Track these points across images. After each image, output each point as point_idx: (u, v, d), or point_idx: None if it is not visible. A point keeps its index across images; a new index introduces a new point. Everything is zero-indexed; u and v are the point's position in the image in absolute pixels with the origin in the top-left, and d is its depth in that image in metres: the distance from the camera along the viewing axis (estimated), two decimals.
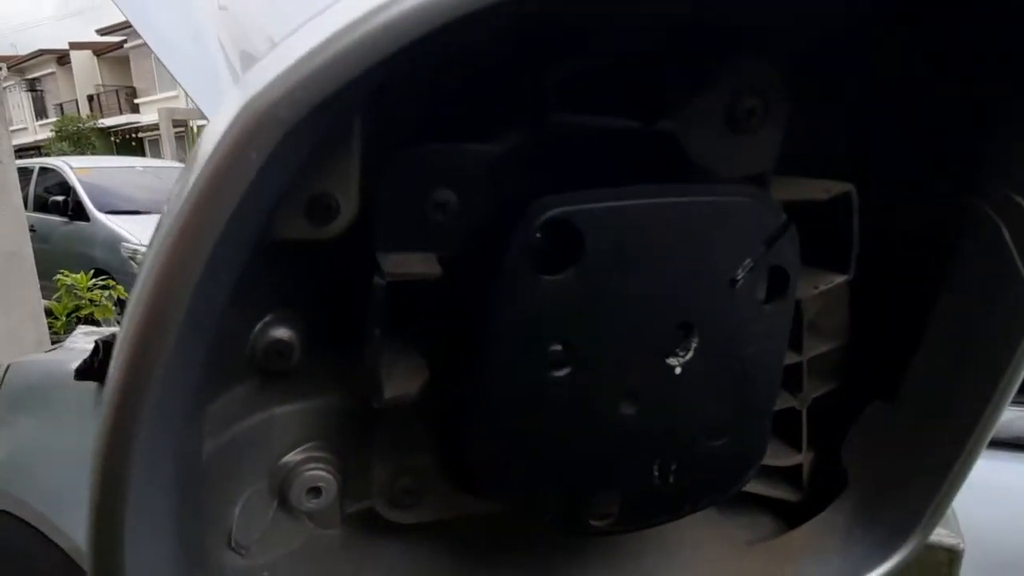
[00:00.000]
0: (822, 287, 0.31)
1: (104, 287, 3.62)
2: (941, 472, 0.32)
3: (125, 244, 4.56)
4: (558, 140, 0.24)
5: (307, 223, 0.21)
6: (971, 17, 0.23)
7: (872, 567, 0.32)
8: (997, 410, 0.30)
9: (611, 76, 0.24)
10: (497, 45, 0.18)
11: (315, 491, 0.26)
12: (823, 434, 0.36)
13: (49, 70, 20.82)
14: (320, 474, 0.26)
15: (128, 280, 4.07)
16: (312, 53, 0.14)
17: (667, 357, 0.25)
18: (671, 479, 0.26)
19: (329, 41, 0.14)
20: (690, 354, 0.25)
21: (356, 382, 0.26)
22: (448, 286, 0.23)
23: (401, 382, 0.25)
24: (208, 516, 0.23)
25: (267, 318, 0.24)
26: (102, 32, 19.79)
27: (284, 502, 0.26)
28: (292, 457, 0.26)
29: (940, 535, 0.39)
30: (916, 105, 0.28)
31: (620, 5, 0.19)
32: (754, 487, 0.35)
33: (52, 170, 6.59)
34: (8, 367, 1.17)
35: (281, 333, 0.24)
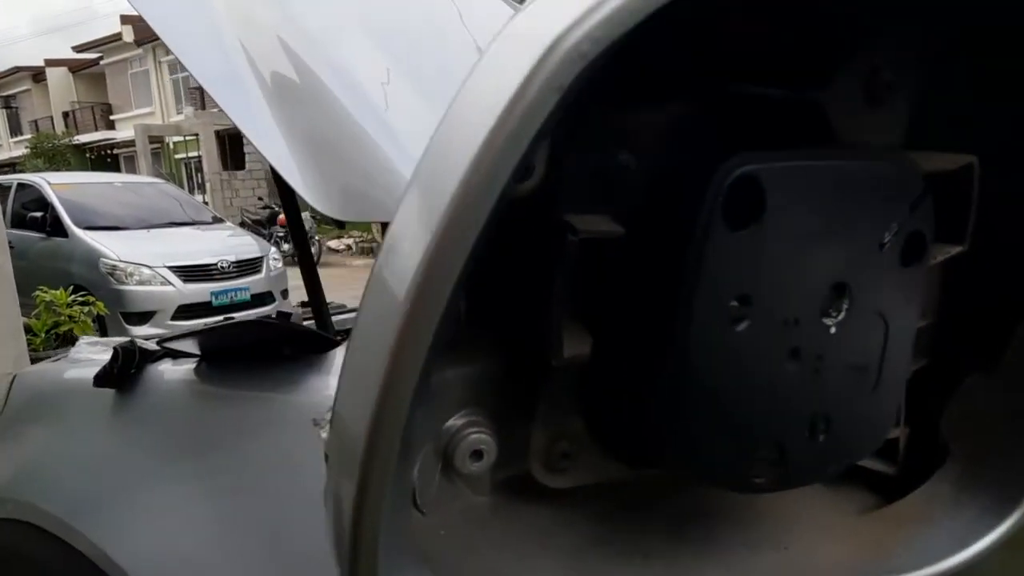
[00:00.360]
0: (940, 257, 0.32)
1: (83, 303, 3.56)
2: None
3: (104, 260, 4.49)
4: (725, 106, 0.25)
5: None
6: None
7: (983, 532, 0.33)
8: None
9: (770, 49, 0.25)
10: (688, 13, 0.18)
11: (477, 454, 0.26)
12: (919, 409, 0.37)
13: (24, 87, 20.51)
14: (483, 437, 0.26)
15: (107, 296, 4.00)
16: None
17: (823, 317, 0.26)
18: (822, 437, 0.27)
19: None
20: (843, 314, 0.26)
21: (521, 346, 0.26)
22: (628, 246, 0.24)
23: (573, 344, 0.25)
24: (398, 477, 0.24)
25: None
26: (78, 49, 19.58)
27: (448, 465, 0.26)
28: (455, 421, 0.26)
29: None
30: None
31: None
32: None
33: (30, 186, 6.47)
34: (14, 377, 1.15)
35: None
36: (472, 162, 0.16)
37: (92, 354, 1.29)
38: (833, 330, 0.26)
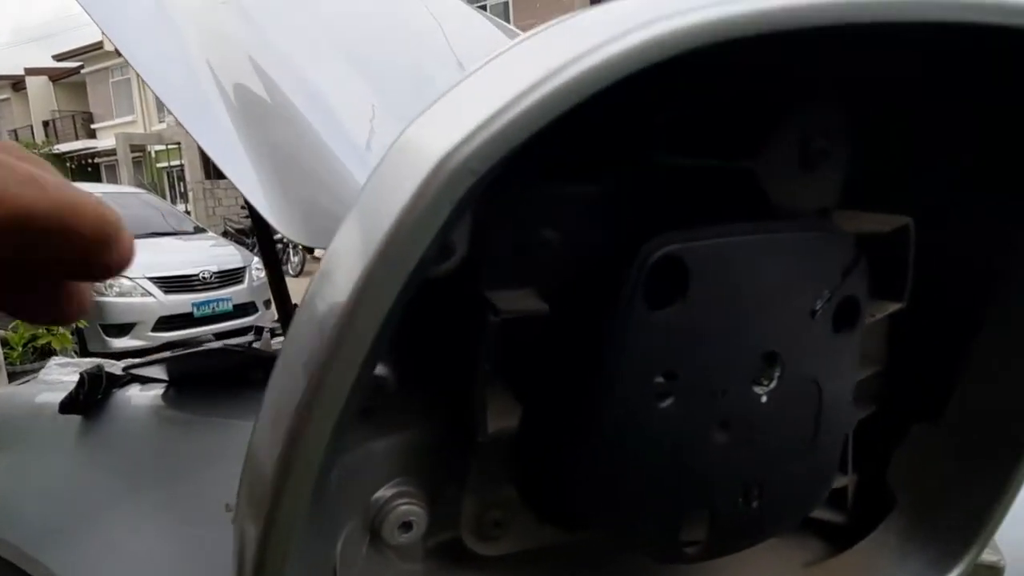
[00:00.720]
0: (878, 315, 0.32)
1: None
2: (989, 490, 0.33)
3: None
4: (653, 180, 0.25)
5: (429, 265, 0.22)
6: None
7: None
8: None
9: (702, 119, 0.25)
10: (613, 94, 0.19)
11: (406, 526, 0.26)
12: (867, 457, 0.37)
13: (3, 96, 20.29)
14: (412, 508, 0.26)
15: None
16: (504, 108, 0.15)
17: (754, 386, 0.26)
18: (755, 503, 0.27)
19: (520, 97, 0.15)
20: (774, 383, 0.26)
21: (450, 416, 0.26)
22: (552, 322, 0.24)
23: (500, 417, 0.25)
24: (318, 554, 0.23)
25: None
26: (58, 58, 19.41)
27: (376, 538, 0.26)
28: (384, 492, 0.26)
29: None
30: (963, 143, 0.30)
31: (733, 56, 0.20)
32: None
33: None
34: None
35: (377, 369, 0.24)
36: (370, 263, 0.16)
37: (62, 375, 1.27)
38: (764, 399, 0.26)
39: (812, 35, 0.18)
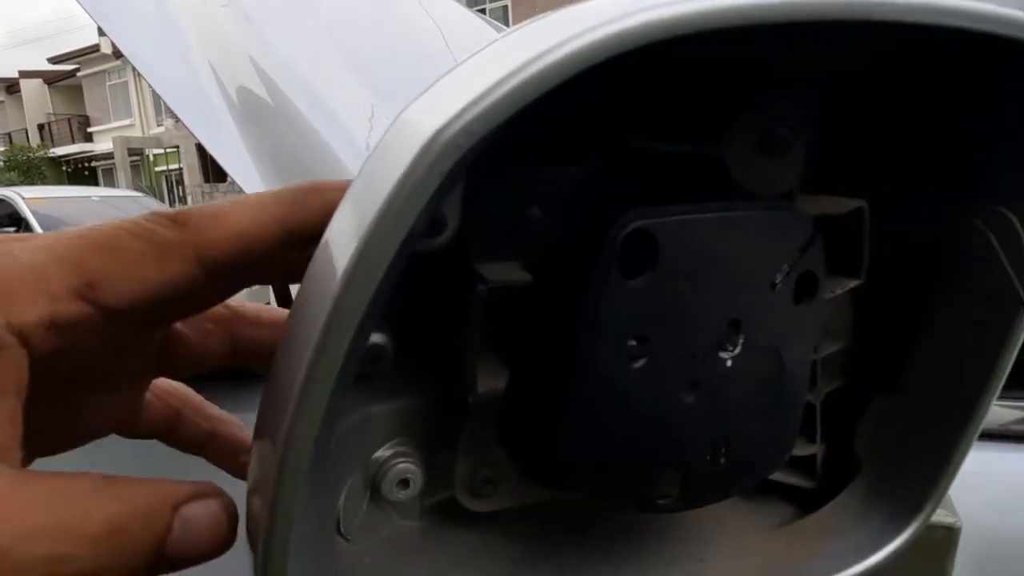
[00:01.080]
0: (838, 291, 0.35)
1: None
2: (942, 456, 0.36)
3: None
4: (629, 163, 0.28)
5: (421, 238, 0.24)
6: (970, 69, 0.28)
7: (885, 542, 0.36)
8: (988, 400, 0.34)
9: (672, 108, 0.28)
10: (588, 84, 0.21)
11: (404, 483, 0.28)
12: (835, 426, 0.40)
13: None
14: (409, 467, 0.28)
15: None
16: (489, 90, 0.17)
17: (720, 351, 0.28)
18: (722, 460, 0.29)
19: (504, 80, 0.17)
20: (738, 349, 0.29)
21: (444, 382, 0.29)
22: (536, 292, 0.27)
23: (488, 380, 0.28)
24: (323, 506, 0.26)
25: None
26: (54, 60, 19.35)
27: (376, 493, 0.28)
28: (383, 452, 0.29)
29: (940, 515, 0.43)
30: (919, 132, 0.33)
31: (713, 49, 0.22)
32: (774, 475, 0.39)
33: (2, 200, 6.36)
34: None
35: (377, 338, 0.27)
36: (366, 231, 0.18)
37: None
38: (729, 363, 0.28)
39: (762, 32, 0.20)
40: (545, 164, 0.26)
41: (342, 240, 0.19)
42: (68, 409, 0.25)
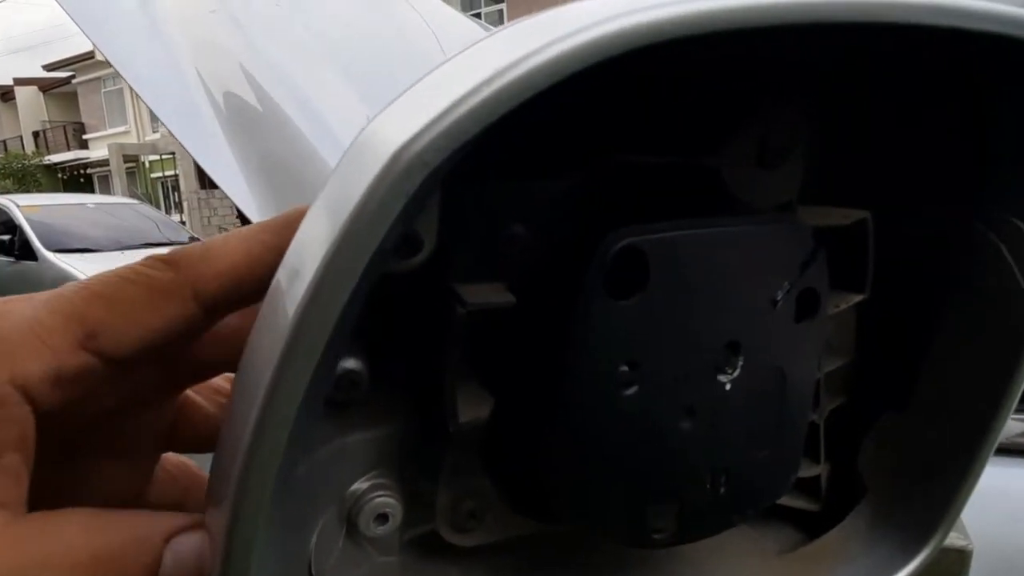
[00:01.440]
0: (842, 306, 0.33)
1: None
2: (954, 476, 0.34)
3: None
4: (616, 176, 0.26)
5: (394, 257, 0.22)
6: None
7: (896, 569, 0.34)
8: (1004, 416, 0.33)
9: (664, 118, 0.26)
10: (569, 92, 0.19)
11: (382, 517, 0.27)
12: (838, 446, 0.38)
13: None
14: (387, 500, 0.27)
15: None
16: (456, 103, 0.15)
17: (718, 374, 0.27)
18: (722, 489, 0.28)
19: (472, 92, 0.15)
20: (737, 371, 0.27)
21: (423, 409, 0.27)
22: (519, 314, 0.25)
23: (471, 408, 0.26)
24: (292, 545, 0.24)
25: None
26: (49, 67, 19.35)
27: (352, 529, 0.27)
28: (359, 485, 0.27)
29: (950, 537, 0.41)
30: (925, 140, 0.31)
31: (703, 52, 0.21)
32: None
33: None
34: None
35: (351, 364, 0.25)
36: (327, 254, 0.16)
37: None
38: (728, 386, 0.27)
39: (758, 35, 0.19)
40: (526, 178, 0.25)
41: (307, 258, 0.17)
42: (76, 476, 0.25)
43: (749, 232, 0.26)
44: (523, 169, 0.25)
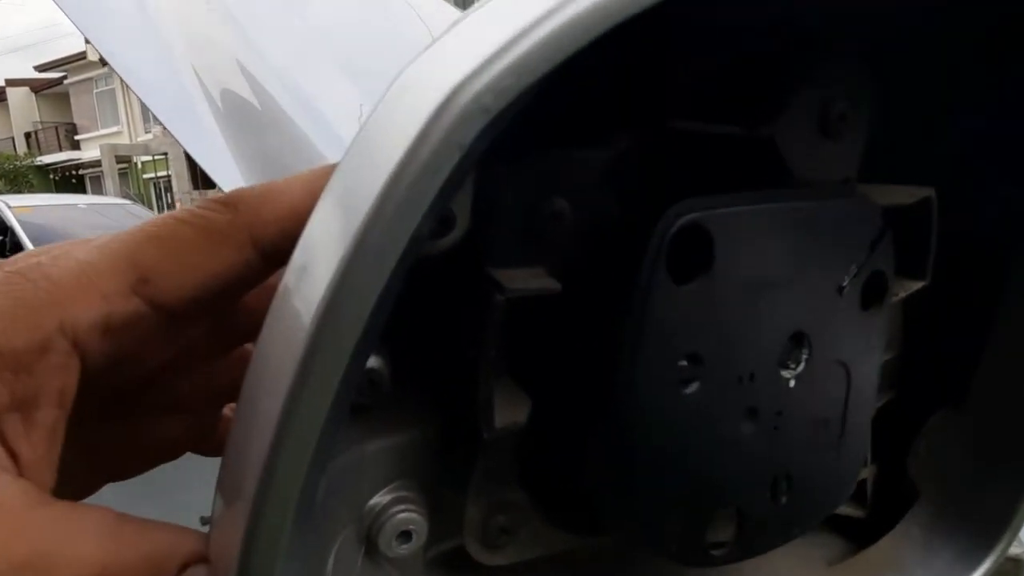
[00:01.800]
0: (902, 293, 0.30)
1: None
2: (1017, 478, 0.32)
3: None
4: (669, 145, 0.23)
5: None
6: None
7: None
8: None
9: (718, 82, 0.23)
10: (619, 47, 0.16)
11: (405, 535, 0.24)
12: (885, 446, 0.35)
13: None
14: (411, 516, 0.24)
15: None
16: (519, 36, 0.12)
17: (782, 370, 0.24)
18: (784, 498, 0.25)
19: (535, 24, 0.13)
20: (802, 365, 0.24)
21: (451, 413, 0.24)
22: (565, 303, 0.22)
23: (507, 410, 0.23)
24: (306, 570, 0.21)
25: None
26: (40, 68, 19.23)
27: (372, 549, 0.24)
28: (380, 499, 0.24)
29: None
30: (993, 112, 0.28)
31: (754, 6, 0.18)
32: None
33: None
34: None
35: (372, 362, 0.22)
36: (359, 231, 0.13)
37: None
38: (792, 383, 0.24)
39: None
40: (572, 146, 0.22)
41: (334, 231, 0.14)
42: (134, 432, 0.24)
43: (819, 208, 0.23)
44: (563, 137, 0.22)
